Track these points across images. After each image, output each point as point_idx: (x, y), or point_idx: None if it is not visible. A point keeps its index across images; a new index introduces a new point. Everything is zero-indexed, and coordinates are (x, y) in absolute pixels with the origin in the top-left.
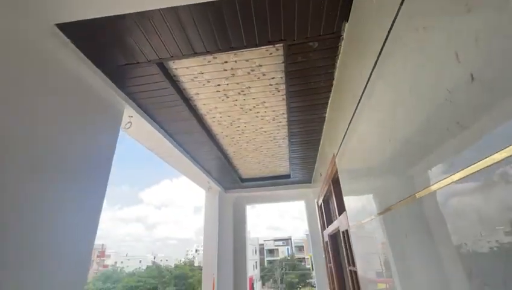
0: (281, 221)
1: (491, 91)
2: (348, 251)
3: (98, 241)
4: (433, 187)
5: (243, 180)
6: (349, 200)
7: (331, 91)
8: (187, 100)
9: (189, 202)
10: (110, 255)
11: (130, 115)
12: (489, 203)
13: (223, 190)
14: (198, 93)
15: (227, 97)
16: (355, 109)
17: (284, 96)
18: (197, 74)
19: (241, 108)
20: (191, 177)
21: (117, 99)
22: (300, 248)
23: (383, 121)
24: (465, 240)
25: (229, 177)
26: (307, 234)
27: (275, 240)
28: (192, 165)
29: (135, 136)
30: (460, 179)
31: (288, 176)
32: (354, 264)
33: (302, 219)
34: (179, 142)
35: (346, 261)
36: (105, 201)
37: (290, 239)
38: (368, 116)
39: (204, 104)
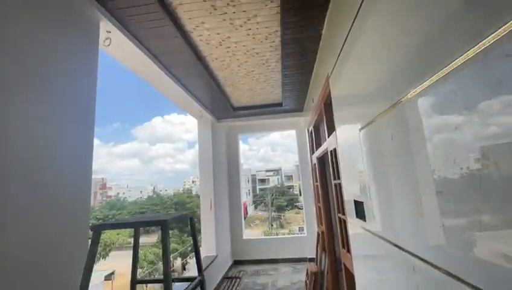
0: (272, 154)
1: None
2: (334, 167)
3: (97, 176)
4: (425, 84)
5: (234, 108)
6: (339, 118)
7: (329, 2)
8: (170, 13)
9: (182, 137)
10: (112, 187)
11: (108, 30)
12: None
13: (215, 119)
14: (181, 4)
15: (215, 9)
16: (354, 20)
17: (278, 8)
18: None
19: (231, 23)
20: (182, 105)
21: (90, 9)
22: (289, 177)
23: (384, 29)
24: (445, 133)
25: (221, 106)
26: (296, 165)
27: (266, 171)
28: (182, 92)
29: (116, 56)
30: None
31: (280, 104)
32: (339, 178)
33: (292, 151)
34: (165, 64)
35: (332, 176)
36: (98, 138)
37: (280, 170)
38: (368, 26)
39: (189, 18)
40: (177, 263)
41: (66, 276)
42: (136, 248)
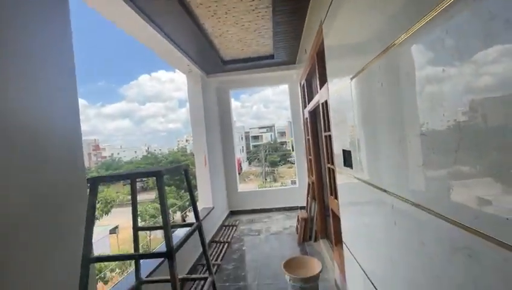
0: (265, 111)
1: None
2: (325, 119)
3: (89, 137)
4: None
5: (224, 62)
6: (332, 68)
7: None
8: None
9: (173, 96)
10: (105, 149)
11: None
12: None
13: (205, 74)
14: None
15: None
16: None
17: None
18: None
19: None
20: (168, 59)
21: None
22: (282, 134)
23: None
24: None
25: (210, 59)
26: (289, 121)
27: (260, 128)
28: (166, 43)
29: (91, 4)
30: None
31: (272, 56)
32: (329, 130)
33: (285, 108)
34: (145, 12)
35: (322, 129)
36: (85, 98)
37: (274, 126)
38: None
39: None
40: (177, 216)
41: (69, 228)
42: (134, 199)
